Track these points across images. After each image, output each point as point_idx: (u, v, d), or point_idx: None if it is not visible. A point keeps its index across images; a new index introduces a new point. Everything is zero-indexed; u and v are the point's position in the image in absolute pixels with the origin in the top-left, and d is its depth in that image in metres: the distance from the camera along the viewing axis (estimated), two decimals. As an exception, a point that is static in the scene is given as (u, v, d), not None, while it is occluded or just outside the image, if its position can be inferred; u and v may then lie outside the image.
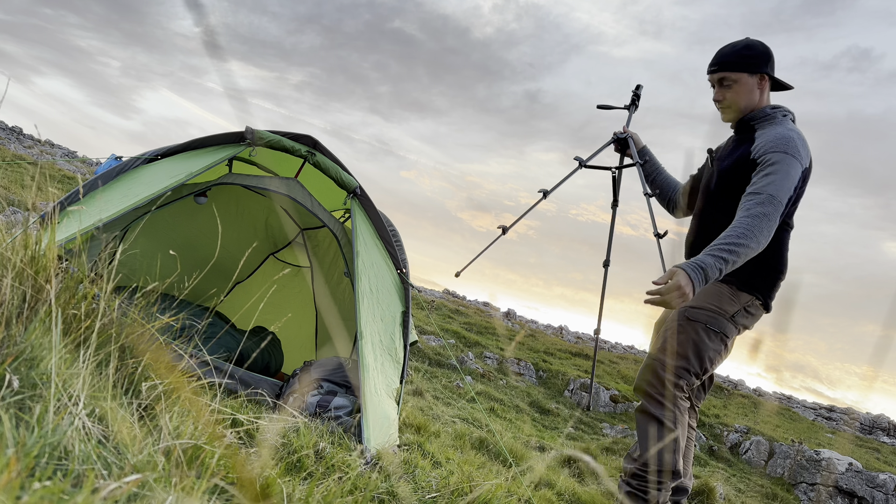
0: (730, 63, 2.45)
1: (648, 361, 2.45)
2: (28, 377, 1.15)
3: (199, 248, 4.36)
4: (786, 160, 2.27)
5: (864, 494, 7.82)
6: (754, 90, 2.45)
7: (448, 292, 22.19)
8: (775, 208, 2.22)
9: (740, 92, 2.45)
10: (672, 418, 2.33)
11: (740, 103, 2.47)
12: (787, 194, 2.26)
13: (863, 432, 14.11)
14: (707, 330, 2.38)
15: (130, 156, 3.04)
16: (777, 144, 2.30)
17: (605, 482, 4.15)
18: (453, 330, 12.03)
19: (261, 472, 1.32)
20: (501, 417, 6.93)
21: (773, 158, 2.28)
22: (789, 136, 2.33)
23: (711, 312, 2.39)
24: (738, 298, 2.42)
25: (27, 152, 20.85)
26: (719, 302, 2.41)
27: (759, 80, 2.44)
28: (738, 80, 2.44)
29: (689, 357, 2.37)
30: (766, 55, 2.45)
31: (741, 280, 2.41)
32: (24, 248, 1.38)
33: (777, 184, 2.24)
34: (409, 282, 3.41)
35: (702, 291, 2.33)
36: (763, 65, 2.44)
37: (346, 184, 3.23)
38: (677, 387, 2.35)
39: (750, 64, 2.43)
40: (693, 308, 2.40)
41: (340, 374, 3.08)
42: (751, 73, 2.43)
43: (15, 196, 7.74)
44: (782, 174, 2.25)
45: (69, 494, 0.94)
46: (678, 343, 2.38)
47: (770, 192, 2.23)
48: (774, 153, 2.28)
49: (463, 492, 2.22)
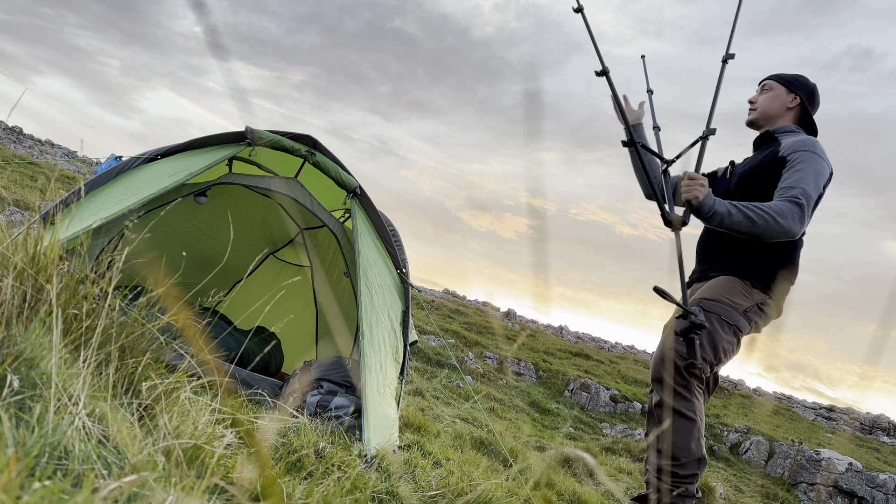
0: (777, 77, 2.68)
1: (665, 352, 2.44)
2: (28, 377, 1.15)
3: (198, 248, 4.36)
4: (815, 159, 2.39)
5: (864, 494, 7.82)
6: (784, 105, 2.63)
7: (448, 292, 22.19)
8: (808, 203, 2.31)
9: (772, 99, 2.64)
10: (691, 407, 2.38)
11: (767, 107, 2.64)
12: (817, 191, 2.36)
13: (863, 432, 14.11)
14: (721, 321, 2.42)
15: (130, 155, 3.04)
16: (805, 145, 2.44)
17: (605, 482, 4.15)
18: (453, 330, 12.03)
19: (261, 471, 1.32)
20: (501, 417, 6.93)
21: (802, 157, 2.40)
22: (816, 142, 2.48)
23: (725, 305, 2.44)
24: (751, 295, 2.47)
25: (27, 152, 20.85)
26: (732, 295, 2.46)
27: (791, 98, 2.63)
28: (773, 88, 2.66)
29: (703, 346, 2.39)
30: (810, 89, 2.65)
31: (755, 277, 2.47)
32: (25, 247, 1.38)
33: (809, 179, 2.34)
34: (409, 281, 3.41)
35: (716, 284, 2.47)
36: (800, 88, 2.63)
37: (346, 183, 3.23)
38: (691, 374, 2.39)
39: (791, 83, 2.64)
40: (707, 300, 2.45)
41: (340, 373, 3.08)
42: (788, 90, 2.63)
43: (15, 196, 7.75)
44: (813, 171, 2.36)
45: (69, 494, 0.94)
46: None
47: (804, 186, 2.33)
48: (804, 152, 2.41)
49: (463, 491, 2.22)
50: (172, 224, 4.17)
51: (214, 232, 4.47)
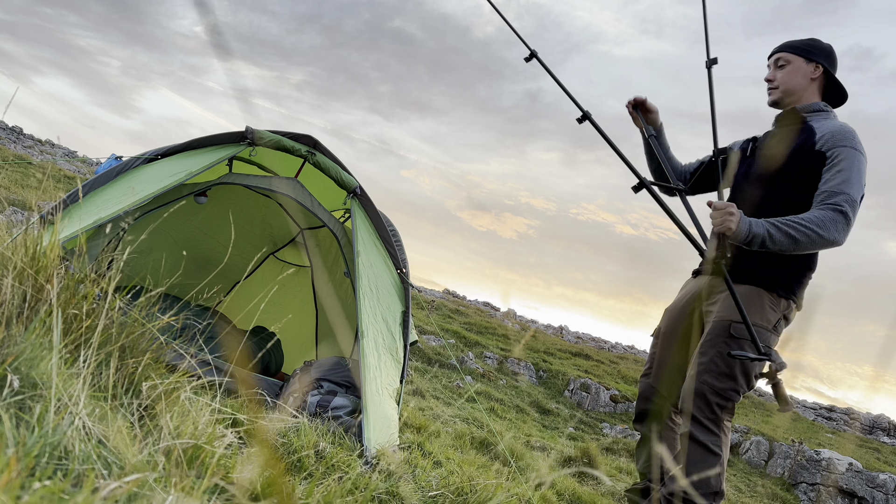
0: (789, 47, 2.44)
1: (694, 384, 2.29)
2: (28, 377, 1.15)
3: (198, 248, 4.36)
4: (856, 157, 2.22)
5: (864, 494, 7.81)
6: (807, 77, 2.41)
7: (448, 292, 22.19)
8: (852, 209, 2.17)
9: (792, 73, 2.41)
10: (719, 443, 2.26)
11: (789, 83, 2.42)
12: (860, 193, 2.22)
13: (863, 432, 14.11)
14: (752, 346, 2.22)
15: (130, 156, 3.04)
16: (845, 138, 2.25)
17: (605, 482, 4.15)
18: (453, 330, 12.03)
19: (264, 470, 1.32)
20: (501, 417, 6.93)
21: (843, 154, 2.22)
22: (853, 132, 2.28)
23: (759, 328, 2.26)
24: (778, 306, 2.32)
25: (27, 152, 20.86)
26: (762, 314, 2.29)
27: (813, 68, 2.41)
28: (792, 61, 2.42)
29: (736, 377, 2.26)
30: (828, 51, 2.42)
31: (782, 286, 2.33)
32: (25, 247, 1.38)
33: (853, 182, 2.19)
34: (409, 282, 3.41)
35: (743, 301, 2.23)
36: (820, 55, 2.40)
37: (346, 184, 3.23)
38: (725, 410, 2.28)
39: (807, 51, 2.41)
40: (738, 323, 2.25)
41: (340, 373, 3.08)
42: (807, 60, 2.40)
43: (16, 196, 7.75)
44: (856, 172, 2.21)
45: (69, 494, 0.94)
46: (724, 363, 2.26)
47: (848, 192, 2.17)
48: (844, 148, 2.23)
49: (463, 491, 2.22)
50: (173, 224, 4.17)
51: (215, 232, 4.47)
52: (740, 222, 2.14)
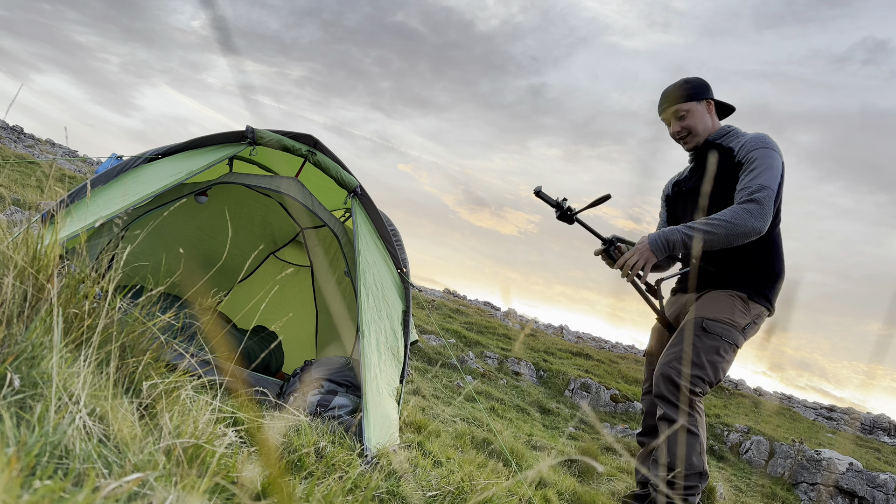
0: (677, 97, 2.72)
1: (664, 370, 2.52)
2: (29, 376, 1.15)
3: (200, 248, 4.36)
4: (767, 154, 2.49)
5: (864, 494, 7.81)
6: (706, 114, 2.72)
7: (448, 291, 22.20)
8: (766, 195, 2.40)
9: (695, 117, 2.71)
10: (694, 423, 2.45)
11: (699, 127, 2.71)
12: (775, 181, 2.45)
13: (863, 432, 14.11)
14: (721, 342, 2.51)
15: (131, 155, 3.04)
16: (756, 142, 2.54)
17: (606, 482, 4.15)
18: (454, 329, 12.02)
19: (265, 468, 1.32)
20: (502, 417, 6.93)
21: (755, 155, 2.50)
22: (765, 136, 2.56)
23: (727, 325, 2.52)
24: (748, 311, 2.56)
25: (28, 152, 20.86)
26: (732, 315, 2.54)
27: (706, 105, 2.72)
28: (689, 108, 2.70)
29: (704, 367, 2.48)
30: (704, 85, 2.73)
31: (754, 290, 2.56)
32: (26, 246, 1.38)
33: (764, 175, 2.44)
34: (410, 281, 3.41)
35: (715, 301, 2.56)
36: (704, 92, 2.72)
37: (347, 183, 3.23)
38: (693, 393, 2.47)
39: (694, 94, 2.71)
40: (710, 320, 2.52)
41: (341, 373, 3.08)
42: (698, 101, 2.71)
43: (16, 195, 7.75)
44: (768, 166, 2.46)
45: (70, 493, 0.94)
46: (694, 353, 2.50)
47: (759, 182, 2.43)
48: (756, 150, 2.51)
49: (463, 491, 2.22)
50: (173, 224, 4.17)
51: (215, 232, 4.47)
52: (649, 247, 2.47)
